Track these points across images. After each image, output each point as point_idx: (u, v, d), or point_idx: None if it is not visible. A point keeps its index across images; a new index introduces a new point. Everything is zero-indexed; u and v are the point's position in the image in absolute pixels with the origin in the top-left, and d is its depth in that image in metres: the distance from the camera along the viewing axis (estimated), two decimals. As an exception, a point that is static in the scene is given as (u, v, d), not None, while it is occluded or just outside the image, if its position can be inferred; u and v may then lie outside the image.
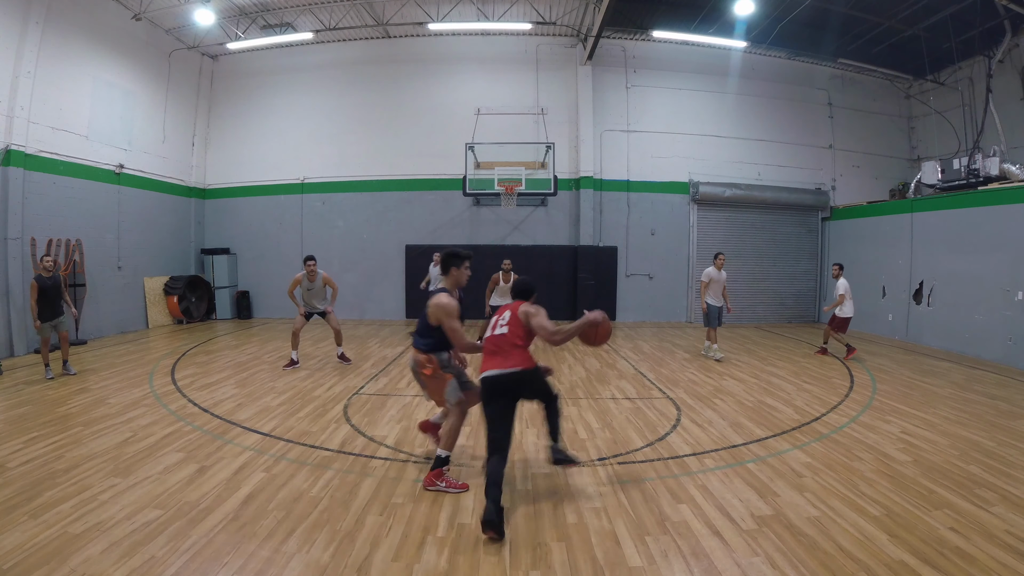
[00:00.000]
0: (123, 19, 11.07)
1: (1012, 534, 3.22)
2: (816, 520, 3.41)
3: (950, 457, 4.50)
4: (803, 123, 13.78)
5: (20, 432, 4.92)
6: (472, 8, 12.12)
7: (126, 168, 11.26)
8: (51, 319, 7.06)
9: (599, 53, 12.80)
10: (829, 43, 12.45)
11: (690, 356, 9.00)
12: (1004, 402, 6.29)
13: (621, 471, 4.22)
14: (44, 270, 7.05)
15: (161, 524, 3.29)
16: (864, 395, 6.58)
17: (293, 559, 2.95)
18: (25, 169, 8.95)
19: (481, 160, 12.39)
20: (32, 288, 6.87)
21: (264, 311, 13.79)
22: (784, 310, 13.57)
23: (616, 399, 6.35)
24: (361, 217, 13.57)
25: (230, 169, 13.87)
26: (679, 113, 13.43)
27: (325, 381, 7.10)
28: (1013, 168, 9.54)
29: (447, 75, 13.45)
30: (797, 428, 5.30)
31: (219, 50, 13.31)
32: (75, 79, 9.99)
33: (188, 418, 5.46)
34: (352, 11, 12.25)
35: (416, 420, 5.40)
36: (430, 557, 3.00)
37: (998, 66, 11.22)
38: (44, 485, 3.79)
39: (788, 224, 13.56)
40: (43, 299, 6.93)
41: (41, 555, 2.92)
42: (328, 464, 4.32)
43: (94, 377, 7.17)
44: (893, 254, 11.10)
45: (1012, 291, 8.60)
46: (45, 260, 7.11)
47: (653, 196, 13.34)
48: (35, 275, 7.03)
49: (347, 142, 13.56)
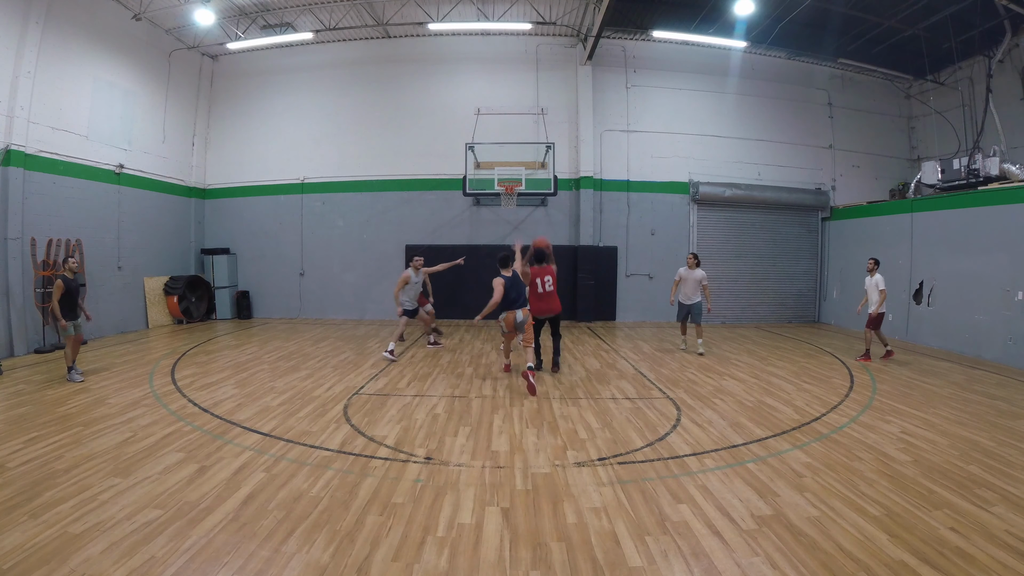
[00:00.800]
0: (123, 19, 11.07)
1: (1012, 534, 3.22)
2: (816, 520, 3.41)
3: (950, 457, 4.50)
4: (803, 123, 13.78)
5: (20, 432, 4.92)
6: (472, 8, 12.12)
7: (126, 168, 11.26)
8: (72, 320, 7.06)
9: (599, 53, 12.80)
10: (829, 43, 12.44)
11: (690, 356, 9.00)
12: (1004, 402, 6.29)
13: (621, 471, 4.22)
14: (69, 271, 7.09)
15: (161, 524, 3.29)
16: (864, 395, 6.58)
17: (293, 559, 2.95)
18: (25, 169, 8.94)
19: (481, 160, 12.39)
20: (57, 288, 6.84)
21: (264, 311, 13.79)
22: (784, 310, 13.57)
23: (616, 399, 6.35)
24: (361, 217, 13.58)
25: (230, 169, 13.87)
26: (679, 113, 13.44)
27: (325, 381, 7.10)
28: (1013, 168, 9.54)
29: (447, 75, 13.45)
30: (797, 428, 5.30)
31: (219, 50, 13.31)
32: (75, 79, 10.00)
33: (188, 418, 5.46)
34: (352, 11, 12.26)
35: (416, 420, 5.46)
36: (430, 557, 3.00)
37: (998, 66, 11.22)
38: (44, 485, 3.79)
39: (788, 224, 13.56)
40: (66, 300, 6.93)
41: (41, 555, 2.92)
42: (328, 464, 4.32)
43: (94, 377, 7.17)
44: (893, 254, 11.09)
45: (1012, 291, 8.60)
46: (71, 262, 7.16)
47: (653, 196, 13.34)
48: (60, 275, 7.01)
49: (347, 142, 13.56)
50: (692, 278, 8.99)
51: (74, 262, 7.22)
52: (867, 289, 8.71)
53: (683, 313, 9.26)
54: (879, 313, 8.51)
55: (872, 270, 8.63)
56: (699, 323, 9.16)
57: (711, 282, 13.29)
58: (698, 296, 9.02)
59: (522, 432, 5.12)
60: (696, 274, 8.98)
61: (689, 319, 9.23)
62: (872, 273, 8.61)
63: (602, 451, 4.65)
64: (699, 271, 9.02)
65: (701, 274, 8.99)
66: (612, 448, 4.72)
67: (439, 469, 4.24)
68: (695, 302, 9.04)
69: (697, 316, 9.09)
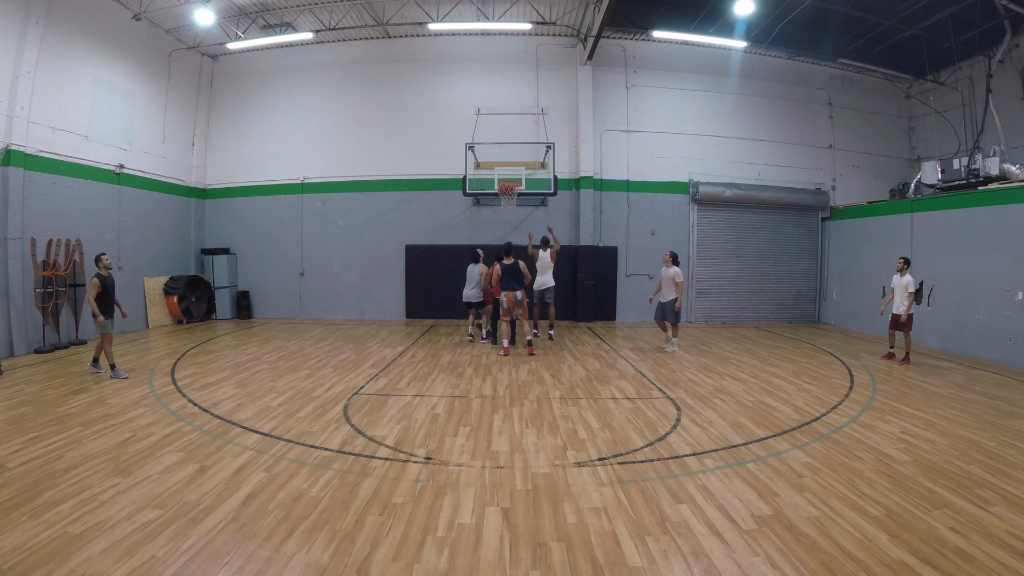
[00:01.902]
0: (123, 19, 11.07)
1: (1012, 534, 3.22)
2: (816, 520, 3.41)
3: (950, 457, 4.50)
4: (803, 123, 13.78)
5: (20, 432, 4.92)
6: (472, 8, 12.12)
7: (126, 168, 11.26)
8: (109, 318, 7.08)
9: (599, 53, 12.80)
10: (829, 43, 12.45)
11: (690, 356, 9.00)
12: (1004, 402, 6.29)
13: (621, 471, 4.22)
14: (104, 268, 7.09)
15: (161, 524, 3.29)
16: (864, 395, 6.58)
17: (293, 559, 2.95)
18: (25, 169, 8.95)
19: (481, 160, 12.39)
20: (93, 285, 6.85)
21: (264, 311, 13.80)
22: (784, 310, 13.58)
23: (616, 399, 6.35)
24: (361, 217, 13.58)
25: (230, 169, 13.87)
26: (679, 113, 13.44)
27: (325, 381, 7.10)
28: (1013, 168, 9.54)
29: (447, 75, 13.45)
30: (797, 428, 5.30)
31: (219, 50, 13.31)
32: (75, 79, 10.00)
33: (188, 418, 5.46)
34: (352, 11, 12.26)
35: (416, 420, 5.46)
36: (430, 557, 3.00)
37: (998, 66, 11.22)
38: (44, 485, 3.79)
39: (788, 224, 13.56)
40: (103, 298, 6.94)
41: (41, 555, 2.92)
42: (328, 464, 4.32)
43: (94, 377, 7.17)
44: (893, 254, 11.05)
45: (1012, 291, 8.60)
46: (105, 259, 7.16)
47: (653, 196, 13.34)
48: (96, 273, 7.01)
49: (347, 142, 13.57)
50: (666, 276, 9.12)
51: (108, 259, 7.21)
52: (894, 288, 8.49)
53: (659, 312, 9.41)
54: (909, 314, 8.28)
55: (902, 269, 8.38)
56: (674, 322, 9.23)
57: (711, 282, 13.54)
58: (673, 294, 9.06)
59: (522, 432, 5.12)
60: (670, 272, 9.07)
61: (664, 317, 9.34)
62: (903, 273, 8.36)
63: (602, 451, 4.65)
64: (673, 269, 9.06)
65: (675, 271, 9.03)
66: (612, 448, 4.72)
67: (439, 469, 4.24)
68: (669, 300, 9.12)
69: (671, 314, 9.14)
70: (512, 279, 8.70)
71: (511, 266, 8.73)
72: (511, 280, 8.69)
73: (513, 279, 8.70)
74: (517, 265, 8.76)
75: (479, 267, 9.81)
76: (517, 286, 8.68)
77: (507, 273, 8.71)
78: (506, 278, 8.70)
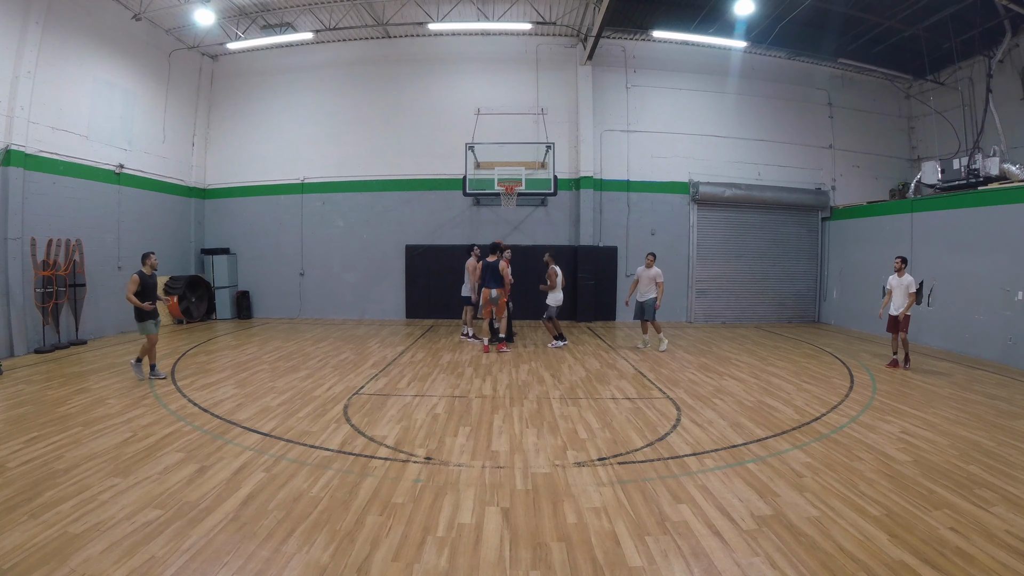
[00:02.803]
0: (123, 19, 11.06)
1: (1012, 534, 3.22)
2: (816, 520, 3.41)
3: (950, 457, 4.50)
4: (803, 123, 13.78)
5: (20, 432, 4.92)
6: (472, 8, 12.12)
7: (126, 168, 11.26)
8: (153, 317, 7.03)
9: (599, 53, 12.80)
10: (829, 43, 12.44)
11: (691, 356, 9.01)
12: (1004, 402, 6.29)
13: (621, 471, 4.22)
14: (150, 268, 7.05)
15: (161, 524, 3.29)
16: (864, 395, 6.58)
17: (293, 559, 2.95)
18: (25, 169, 8.94)
19: (481, 160, 12.39)
20: (133, 282, 6.80)
21: (264, 311, 13.80)
22: (784, 310, 13.57)
23: (616, 399, 6.35)
24: (361, 217, 13.58)
25: (230, 169, 13.87)
26: (679, 113, 13.43)
27: (325, 381, 7.10)
28: (1013, 168, 9.54)
29: (447, 75, 13.45)
30: (797, 428, 5.30)
31: (219, 50, 13.31)
32: (75, 79, 9.99)
33: (188, 418, 5.46)
34: (352, 11, 12.25)
35: (416, 420, 5.46)
36: (430, 557, 3.00)
37: (998, 66, 11.22)
38: (44, 485, 3.79)
39: (788, 224, 13.56)
40: (143, 296, 6.88)
41: (41, 555, 2.92)
42: (328, 464, 4.32)
43: (94, 377, 7.17)
44: (893, 254, 11.02)
45: (1012, 291, 8.60)
46: (152, 258, 7.11)
47: (653, 196, 13.34)
48: (139, 271, 6.95)
49: (347, 142, 13.56)
50: (646, 275, 9.35)
51: (155, 258, 7.16)
52: (892, 289, 8.23)
53: (637, 311, 9.58)
54: (907, 316, 8.06)
55: (900, 270, 8.12)
56: (652, 319, 9.43)
57: (711, 282, 13.53)
58: (652, 293, 9.31)
59: (522, 432, 5.12)
60: (651, 272, 9.32)
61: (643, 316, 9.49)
62: (901, 273, 8.10)
63: (602, 451, 4.65)
64: (654, 269, 9.36)
65: (656, 272, 9.32)
66: (612, 448, 4.72)
67: (439, 469, 4.24)
68: (648, 299, 9.33)
69: (650, 313, 9.35)
70: (491, 277, 8.99)
71: (491, 264, 9.00)
72: (489, 278, 9.01)
73: (491, 277, 8.99)
74: (497, 264, 9.00)
75: (469, 262, 10.06)
76: (494, 284, 8.98)
77: (486, 271, 9.07)
78: (485, 275, 9.08)
